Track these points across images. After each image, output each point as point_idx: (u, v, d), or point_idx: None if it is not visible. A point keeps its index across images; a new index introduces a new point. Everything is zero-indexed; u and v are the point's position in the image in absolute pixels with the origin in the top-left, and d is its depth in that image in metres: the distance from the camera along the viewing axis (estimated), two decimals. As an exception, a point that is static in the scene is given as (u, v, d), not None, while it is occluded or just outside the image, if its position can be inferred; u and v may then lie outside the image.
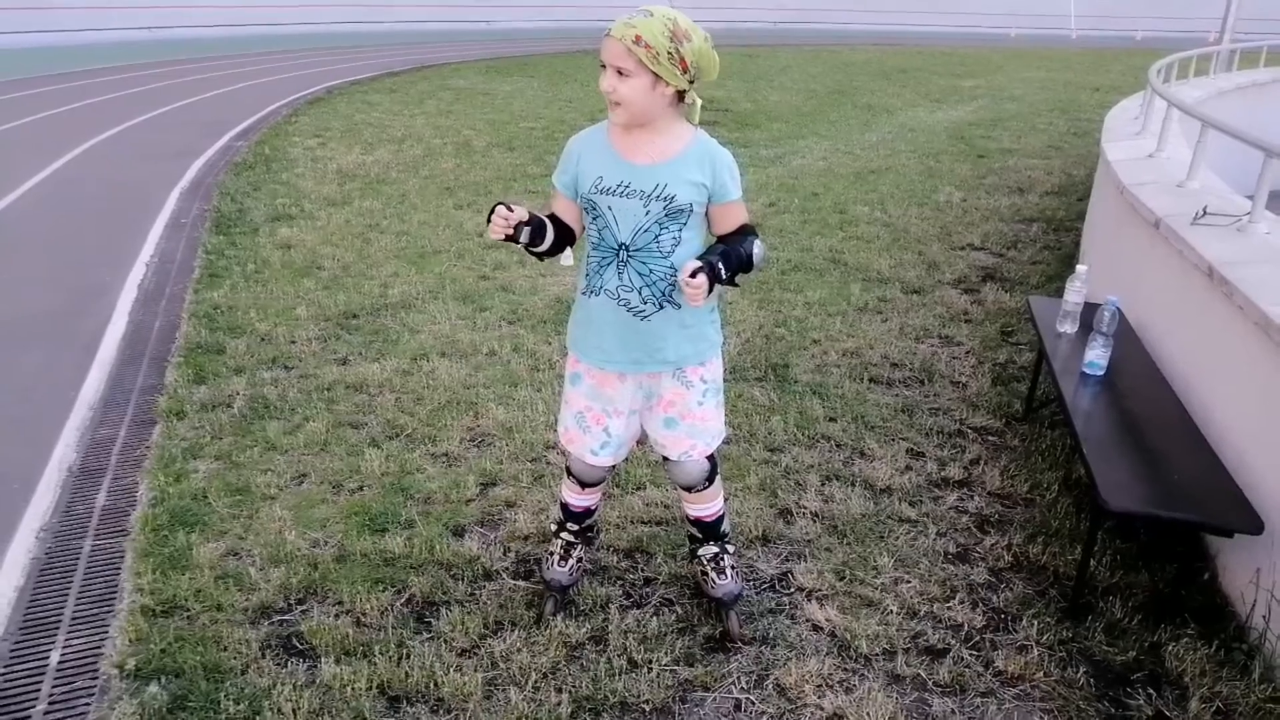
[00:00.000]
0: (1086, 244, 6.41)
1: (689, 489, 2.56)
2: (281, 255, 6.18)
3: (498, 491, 3.36)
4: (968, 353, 4.77)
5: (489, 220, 2.12)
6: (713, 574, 2.66)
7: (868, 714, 2.34)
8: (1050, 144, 11.60)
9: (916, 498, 3.38)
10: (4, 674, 2.49)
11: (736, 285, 2.28)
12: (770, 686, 2.45)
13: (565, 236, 2.37)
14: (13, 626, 2.68)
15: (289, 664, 2.50)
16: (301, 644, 2.58)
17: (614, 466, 2.58)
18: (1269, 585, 2.56)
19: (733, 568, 2.68)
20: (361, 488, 3.38)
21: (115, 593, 2.80)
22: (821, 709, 2.37)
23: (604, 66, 2.11)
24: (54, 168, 9.13)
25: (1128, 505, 2.56)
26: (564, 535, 2.72)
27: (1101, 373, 3.34)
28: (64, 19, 26.49)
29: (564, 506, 2.70)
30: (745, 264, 2.22)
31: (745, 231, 2.27)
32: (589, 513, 2.70)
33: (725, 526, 2.69)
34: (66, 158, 9.65)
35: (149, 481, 3.41)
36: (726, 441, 3.42)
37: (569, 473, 2.62)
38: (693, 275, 2.08)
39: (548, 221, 2.30)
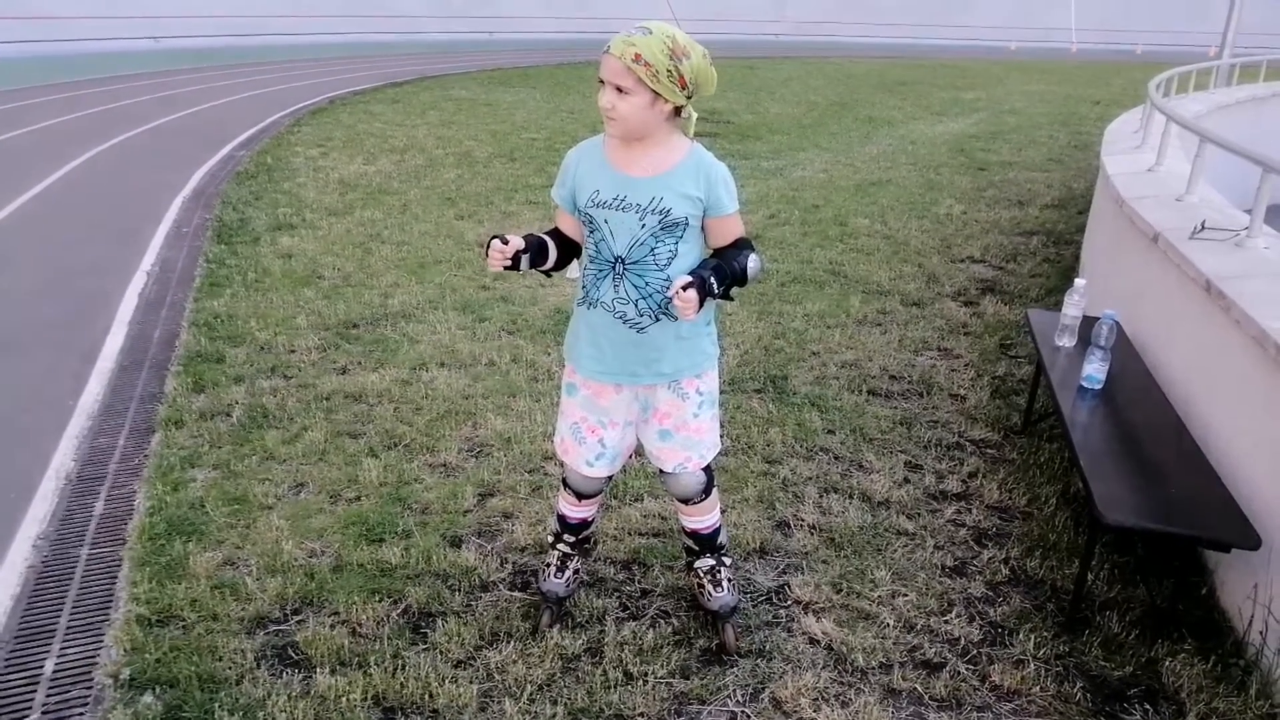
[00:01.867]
0: (1086, 257, 6.42)
1: (685, 501, 2.56)
2: (282, 264, 6.20)
3: (495, 502, 3.36)
4: (966, 365, 4.77)
5: (486, 254, 2.15)
6: (709, 586, 2.65)
7: (863, 728, 2.34)
8: (1050, 157, 11.63)
9: (914, 510, 3.37)
10: (-1, 683, 2.49)
11: (731, 299, 2.29)
12: (766, 700, 2.44)
13: (571, 250, 2.38)
14: (8, 635, 2.67)
15: (284, 674, 2.49)
16: (297, 654, 2.57)
17: (610, 478, 2.58)
18: (1266, 600, 2.55)
19: (729, 580, 2.67)
20: (359, 497, 3.38)
21: (111, 602, 2.80)
22: (817, 723, 2.37)
23: (602, 82, 2.11)
24: (56, 176, 9.16)
25: (1125, 519, 2.55)
26: (560, 547, 2.72)
27: (1100, 386, 3.34)
28: (67, 29, 26.62)
29: (560, 518, 2.70)
30: (739, 278, 2.23)
31: (740, 245, 2.27)
32: (585, 525, 2.70)
33: (722, 538, 2.69)
34: (69, 166, 9.69)
35: (147, 490, 3.41)
36: (723, 453, 3.42)
37: (565, 484, 2.62)
38: (684, 289, 2.09)
39: (549, 240, 2.33)
